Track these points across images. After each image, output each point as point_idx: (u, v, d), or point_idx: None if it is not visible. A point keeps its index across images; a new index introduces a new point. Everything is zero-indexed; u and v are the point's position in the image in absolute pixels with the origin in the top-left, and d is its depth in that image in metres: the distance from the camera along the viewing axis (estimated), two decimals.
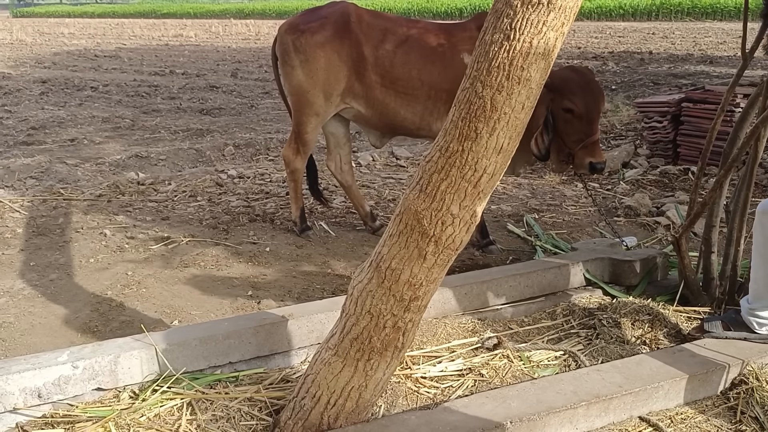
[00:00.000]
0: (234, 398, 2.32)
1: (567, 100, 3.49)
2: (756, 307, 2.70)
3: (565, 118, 3.53)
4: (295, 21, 4.04)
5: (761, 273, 2.66)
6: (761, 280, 2.67)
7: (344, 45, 3.86)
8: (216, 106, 9.62)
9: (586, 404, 2.28)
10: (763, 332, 2.72)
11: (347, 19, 3.89)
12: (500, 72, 1.83)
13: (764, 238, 2.62)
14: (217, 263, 3.80)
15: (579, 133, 3.54)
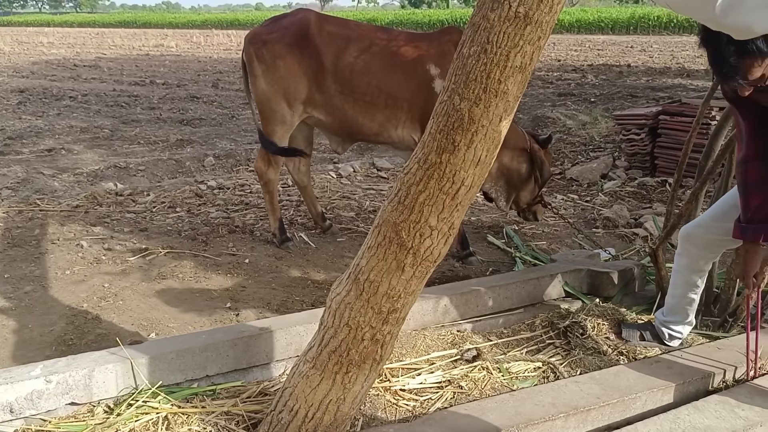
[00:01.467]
0: (211, 412, 2.29)
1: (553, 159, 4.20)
2: (670, 320, 2.85)
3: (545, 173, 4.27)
4: (258, 31, 4.09)
5: (679, 292, 2.81)
6: (678, 298, 2.81)
7: (303, 55, 3.91)
8: (196, 116, 9.58)
9: (564, 416, 2.28)
10: (673, 344, 2.85)
11: (306, 29, 3.94)
12: (477, 85, 1.83)
13: (687, 260, 2.74)
14: (196, 275, 3.76)
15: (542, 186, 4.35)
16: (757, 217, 2.41)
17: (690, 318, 2.85)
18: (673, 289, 2.85)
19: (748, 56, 2.01)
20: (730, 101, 2.42)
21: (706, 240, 2.68)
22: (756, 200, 2.41)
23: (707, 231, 2.68)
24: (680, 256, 2.79)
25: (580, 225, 4.75)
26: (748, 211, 2.42)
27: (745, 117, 2.39)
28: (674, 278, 2.85)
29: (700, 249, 2.69)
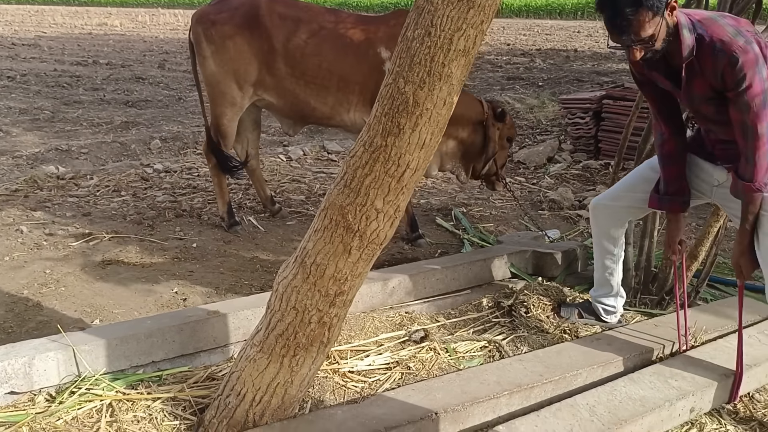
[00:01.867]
0: (157, 398, 2.27)
1: (512, 130, 4.24)
2: (599, 294, 2.96)
3: (504, 145, 4.22)
4: (206, 10, 4.01)
5: (599, 263, 2.92)
6: (600, 270, 2.93)
7: (254, 37, 3.85)
8: (142, 98, 9.34)
9: (509, 393, 2.34)
10: (610, 320, 2.95)
11: (257, 10, 3.88)
12: (422, 68, 1.84)
13: (599, 230, 2.85)
14: (142, 260, 3.70)
15: (504, 158, 4.30)
16: (671, 189, 2.56)
17: (615, 289, 2.94)
18: (594, 262, 2.96)
19: (642, 9, 2.12)
20: (636, 82, 2.55)
21: (614, 209, 2.79)
22: (672, 173, 2.55)
23: (615, 201, 2.78)
24: (593, 227, 2.90)
25: (526, 207, 4.84)
26: (665, 182, 2.57)
27: (650, 96, 2.54)
28: (594, 251, 2.96)
29: (608, 218, 2.80)
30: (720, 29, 2.20)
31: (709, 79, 2.25)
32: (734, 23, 2.22)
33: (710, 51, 2.19)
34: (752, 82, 2.15)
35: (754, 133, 2.21)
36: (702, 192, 2.64)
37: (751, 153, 2.24)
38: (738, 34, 2.17)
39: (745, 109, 2.19)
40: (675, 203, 2.59)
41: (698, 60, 2.24)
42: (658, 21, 2.16)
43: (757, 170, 2.25)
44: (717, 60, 2.18)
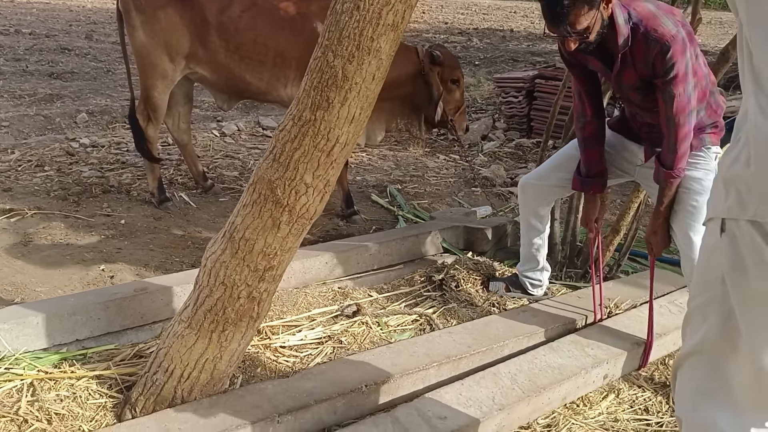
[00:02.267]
0: (81, 377, 2.21)
1: (456, 71, 4.01)
2: (526, 268, 3.05)
3: (450, 89, 4.00)
4: None
5: (526, 239, 3.01)
6: (526, 246, 3.02)
7: (186, 8, 3.76)
8: (68, 69, 8.95)
9: (438, 365, 2.39)
10: (536, 293, 3.06)
11: None
12: (351, 42, 1.84)
13: (527, 207, 2.94)
14: (67, 237, 3.58)
15: (457, 101, 4.07)
16: (593, 171, 2.65)
17: (541, 264, 3.03)
18: (521, 238, 3.05)
19: (579, 2, 2.19)
20: (564, 62, 2.62)
21: (542, 188, 2.88)
22: (593, 155, 2.64)
23: (542, 180, 2.87)
24: (520, 205, 2.99)
25: (460, 184, 4.92)
26: (586, 164, 2.65)
27: (578, 77, 2.61)
28: (521, 228, 3.04)
29: (536, 197, 2.88)
30: (654, 18, 2.26)
31: (639, 68, 2.33)
32: (667, 12, 2.29)
33: (644, 40, 2.26)
34: (679, 72, 2.24)
35: (678, 122, 2.30)
36: (626, 171, 2.74)
37: (674, 141, 2.33)
38: (671, 23, 2.24)
39: (671, 97, 2.27)
40: (596, 184, 2.68)
41: (631, 49, 2.31)
42: (594, 14, 2.22)
43: (677, 158, 2.35)
44: (649, 49, 2.25)
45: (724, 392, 1.37)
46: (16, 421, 2.01)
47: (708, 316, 1.37)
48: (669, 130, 2.33)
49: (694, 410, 1.42)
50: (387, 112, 3.98)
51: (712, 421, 1.38)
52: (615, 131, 2.74)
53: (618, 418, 2.36)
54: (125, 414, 2.09)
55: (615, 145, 2.71)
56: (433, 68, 3.94)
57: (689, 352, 1.44)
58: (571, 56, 2.53)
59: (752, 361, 1.30)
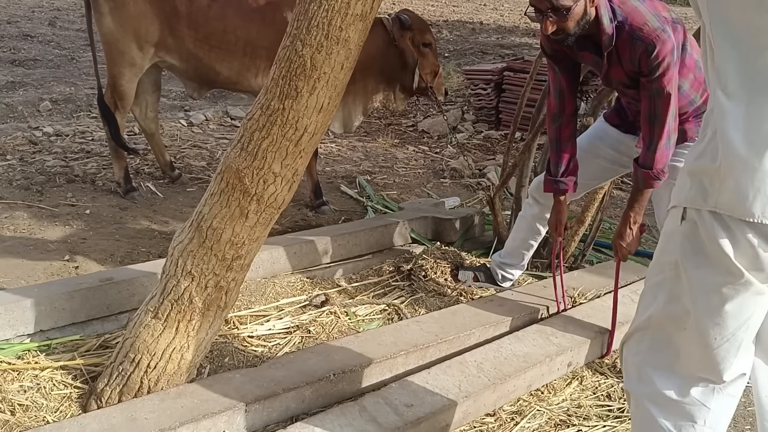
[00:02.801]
0: (45, 367, 2.19)
1: (426, 34, 3.90)
2: (506, 262, 3.06)
3: (424, 53, 3.88)
4: None
5: (521, 236, 3.00)
6: (519, 242, 3.01)
7: None
8: (30, 57, 8.74)
9: (405, 353, 2.42)
10: (505, 285, 3.09)
11: None
12: (319, 31, 1.85)
13: (536, 210, 2.90)
14: (30, 227, 3.51)
15: (432, 65, 3.94)
16: (568, 169, 2.60)
17: (524, 262, 3.08)
18: (515, 233, 3.03)
19: None
20: (548, 57, 2.55)
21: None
22: (568, 153, 2.60)
23: None
24: (530, 206, 2.93)
25: (429, 175, 4.94)
26: (559, 164, 2.59)
27: (563, 73, 2.55)
28: (519, 224, 3.02)
29: (548, 198, 2.80)
30: (639, 16, 2.24)
31: (626, 66, 2.30)
32: (653, 9, 2.26)
33: (629, 38, 2.24)
34: (665, 71, 2.21)
35: (661, 121, 2.27)
36: (622, 165, 2.69)
37: (655, 140, 2.30)
38: (657, 21, 2.21)
39: (656, 95, 2.25)
40: (570, 184, 2.61)
41: (617, 48, 2.29)
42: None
43: (657, 158, 2.31)
44: (634, 47, 2.23)
45: (668, 363, 1.46)
46: None
47: (657, 296, 1.46)
48: (650, 128, 2.31)
49: (639, 381, 1.51)
50: (362, 94, 3.91)
51: (655, 389, 1.47)
52: (611, 124, 2.70)
53: (581, 405, 2.41)
54: (91, 404, 2.07)
55: (610, 138, 2.68)
56: (404, 34, 3.83)
57: (636, 328, 1.53)
58: (557, 51, 2.48)
59: (699, 339, 1.39)
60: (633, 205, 2.46)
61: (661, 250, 1.48)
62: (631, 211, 2.47)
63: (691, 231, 1.36)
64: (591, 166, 2.70)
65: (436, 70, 3.96)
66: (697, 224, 1.34)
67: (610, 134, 2.69)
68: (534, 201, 2.91)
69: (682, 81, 2.36)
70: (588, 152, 2.69)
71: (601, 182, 2.91)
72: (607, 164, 2.72)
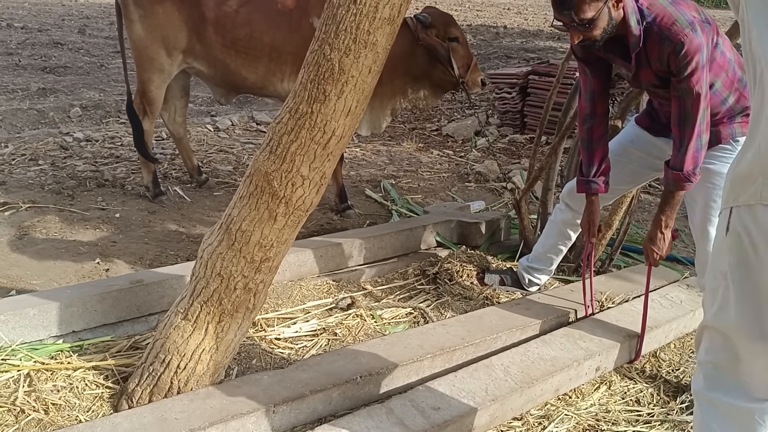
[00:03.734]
0: (77, 367, 2.23)
1: (450, 28, 3.82)
2: (534, 267, 3.05)
3: (452, 47, 3.81)
4: None
5: (551, 241, 2.98)
6: (548, 247, 3.00)
7: (184, 3, 3.77)
8: (61, 64, 8.91)
9: (432, 356, 2.42)
10: (531, 290, 3.07)
11: None
12: (347, 35, 1.86)
13: (568, 215, 2.88)
14: (62, 230, 3.58)
15: (463, 58, 3.85)
16: (600, 169, 2.58)
17: (552, 267, 3.06)
18: (545, 239, 3.01)
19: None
20: (580, 60, 2.54)
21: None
22: (600, 153, 2.58)
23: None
24: (562, 211, 2.91)
25: (453, 179, 4.94)
26: (591, 165, 2.58)
27: (595, 75, 2.53)
28: (549, 228, 3.00)
29: (581, 204, 2.76)
30: (668, 16, 2.21)
31: (655, 66, 2.28)
32: (682, 9, 2.23)
33: (657, 39, 2.22)
34: (694, 70, 2.18)
35: (691, 121, 2.23)
36: (655, 168, 2.65)
37: (686, 141, 2.26)
38: (685, 20, 2.18)
39: (685, 95, 2.22)
40: (602, 184, 2.58)
41: (646, 49, 2.26)
42: (600, 7, 2.17)
43: (687, 159, 2.27)
44: (663, 47, 2.21)
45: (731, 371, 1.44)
46: (13, 411, 2.02)
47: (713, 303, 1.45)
48: (681, 129, 2.27)
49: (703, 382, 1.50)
50: (389, 95, 3.88)
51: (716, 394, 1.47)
52: (642, 127, 2.67)
53: (610, 410, 2.39)
54: (122, 404, 2.10)
55: (642, 142, 2.64)
56: (428, 32, 3.79)
57: (704, 325, 1.51)
58: (591, 53, 2.45)
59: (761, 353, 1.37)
60: (664, 208, 2.42)
61: (713, 258, 1.47)
62: (662, 214, 2.42)
63: (736, 243, 1.35)
64: (623, 170, 2.67)
65: (468, 63, 3.86)
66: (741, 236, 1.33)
67: (641, 137, 2.65)
68: (566, 206, 2.89)
69: (714, 79, 2.32)
70: (619, 156, 2.66)
71: (633, 186, 2.88)
72: (638, 168, 2.68)
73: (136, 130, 4.00)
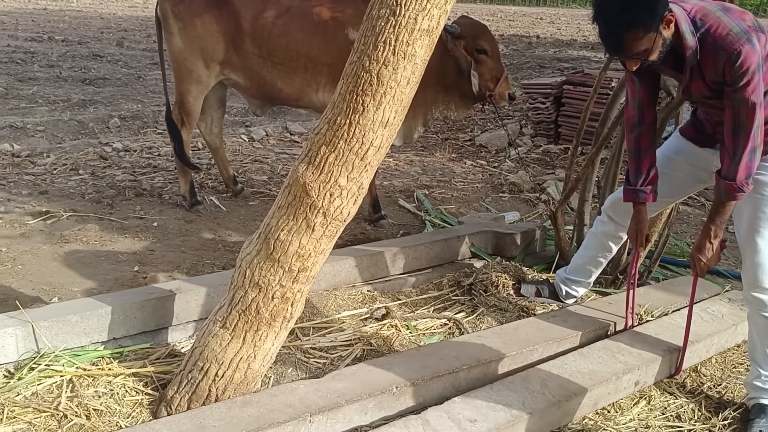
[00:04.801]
0: (118, 374, 2.27)
1: (480, 41, 3.79)
2: (572, 278, 3.01)
3: (480, 60, 3.79)
4: None
5: (591, 253, 2.94)
6: (587, 259, 2.95)
7: (222, 15, 3.83)
8: (100, 75, 9.12)
9: (467, 368, 2.40)
10: (568, 302, 3.03)
11: None
12: (386, 47, 1.87)
13: (610, 227, 2.83)
14: (101, 239, 3.65)
15: (493, 71, 3.83)
16: (648, 179, 2.51)
17: (590, 280, 3.01)
18: (584, 250, 2.97)
19: (634, 29, 2.09)
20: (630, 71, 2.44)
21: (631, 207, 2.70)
22: (648, 162, 2.52)
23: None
24: (604, 223, 2.87)
25: (487, 190, 4.92)
26: (639, 174, 2.52)
27: (643, 84, 2.48)
28: (589, 240, 2.95)
29: (624, 217, 2.72)
30: (722, 26, 2.16)
31: (709, 77, 2.23)
32: (736, 17, 2.18)
33: (712, 49, 2.17)
34: (750, 79, 2.13)
35: (746, 131, 2.18)
36: (700, 180, 2.61)
37: (740, 151, 2.21)
38: (739, 29, 2.13)
39: (740, 105, 2.17)
40: (649, 193, 2.53)
41: (699, 60, 2.22)
42: (653, 36, 2.12)
43: (741, 169, 2.22)
44: (717, 57, 2.16)
45: None
46: (56, 416, 2.07)
47: None
48: (735, 138, 2.22)
49: None
50: (421, 105, 3.85)
51: None
52: (687, 138, 2.60)
53: (649, 425, 2.35)
54: (161, 411, 2.13)
55: (687, 153, 2.59)
56: (456, 43, 3.75)
57: None
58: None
59: None
60: (714, 218, 2.35)
61: None
62: (712, 224, 2.36)
63: None
64: (668, 181, 2.60)
65: (497, 76, 3.83)
66: None
67: (686, 149, 2.59)
68: (608, 218, 2.85)
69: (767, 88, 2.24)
70: (664, 168, 2.59)
71: (679, 198, 2.83)
72: (684, 179, 2.62)
73: (175, 140, 4.07)
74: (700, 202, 4.77)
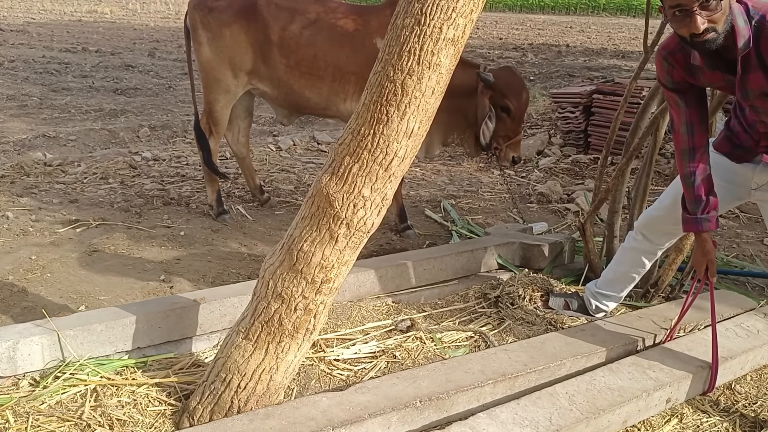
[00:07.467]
0: (142, 384, 2.27)
1: (507, 99, 3.76)
2: (603, 292, 2.93)
3: (500, 116, 3.80)
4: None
5: (624, 268, 2.86)
6: (620, 274, 2.88)
7: (251, 26, 3.85)
8: (131, 86, 9.28)
9: (493, 382, 2.35)
10: (598, 316, 2.95)
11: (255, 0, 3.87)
12: (411, 56, 1.85)
13: (646, 246, 2.75)
14: (129, 247, 3.68)
15: (509, 130, 3.85)
16: (710, 206, 2.37)
17: (622, 294, 2.94)
18: (616, 265, 2.90)
19: None
20: (671, 91, 2.36)
21: (667, 226, 2.64)
22: (704, 187, 2.37)
23: (670, 214, 2.59)
24: (638, 241, 2.77)
25: (516, 200, 4.86)
26: (698, 201, 2.37)
27: (690, 105, 2.34)
28: (622, 255, 2.87)
29: (663, 235, 2.65)
30: None
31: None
32: None
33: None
34: None
35: None
36: (737, 196, 2.51)
37: None
38: None
39: None
40: (712, 221, 2.38)
41: (757, 50, 2.06)
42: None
43: None
44: None
45: None
46: (79, 425, 2.07)
47: None
48: None
49: None
50: (444, 124, 3.84)
51: None
52: (722, 154, 2.48)
53: None
54: (183, 422, 2.12)
55: (722, 169, 2.46)
56: (485, 90, 3.75)
57: None
58: (683, 80, 2.30)
59: None
60: None
61: None
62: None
63: None
64: None
65: (510, 137, 3.85)
66: None
67: (721, 165, 2.47)
68: (642, 237, 2.76)
69: None
70: None
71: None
72: (720, 196, 2.44)
73: (204, 150, 4.10)
74: (734, 213, 4.65)
